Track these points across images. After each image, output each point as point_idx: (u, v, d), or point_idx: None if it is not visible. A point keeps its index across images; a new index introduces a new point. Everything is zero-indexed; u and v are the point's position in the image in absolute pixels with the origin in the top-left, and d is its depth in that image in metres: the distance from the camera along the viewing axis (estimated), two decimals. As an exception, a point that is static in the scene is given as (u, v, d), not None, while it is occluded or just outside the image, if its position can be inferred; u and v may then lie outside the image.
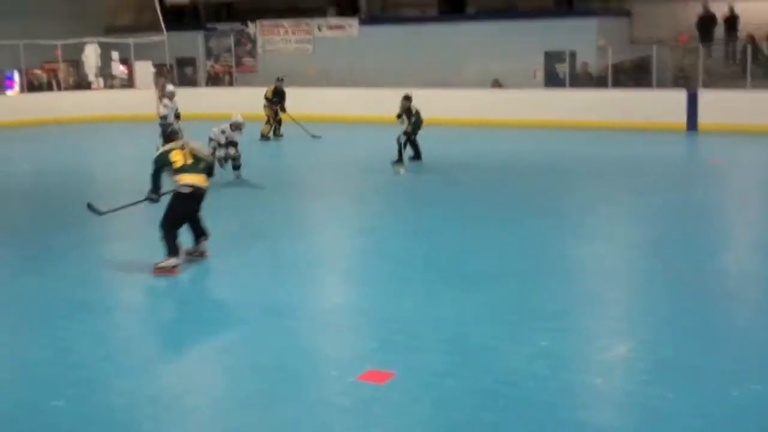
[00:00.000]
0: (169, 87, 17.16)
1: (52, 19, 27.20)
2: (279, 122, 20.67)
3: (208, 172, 8.74)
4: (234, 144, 13.88)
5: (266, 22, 28.91)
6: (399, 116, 15.77)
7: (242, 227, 10.72)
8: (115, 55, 28.11)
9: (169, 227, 8.43)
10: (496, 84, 23.96)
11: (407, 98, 15.86)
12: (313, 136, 19.74)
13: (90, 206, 9.35)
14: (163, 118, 16.38)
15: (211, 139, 13.79)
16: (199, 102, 23.95)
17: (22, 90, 27.59)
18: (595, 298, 7.66)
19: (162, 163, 8.61)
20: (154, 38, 27.38)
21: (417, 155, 15.83)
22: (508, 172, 15.14)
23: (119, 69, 28.11)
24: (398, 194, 13.29)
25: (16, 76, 27.68)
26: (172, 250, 8.38)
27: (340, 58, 25.92)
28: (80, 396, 5.59)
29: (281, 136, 20.57)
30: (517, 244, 9.56)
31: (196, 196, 8.56)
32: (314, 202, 12.91)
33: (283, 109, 20.63)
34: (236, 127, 13.83)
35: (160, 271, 8.33)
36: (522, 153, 17.67)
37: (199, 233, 8.81)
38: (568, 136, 19.88)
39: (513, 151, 17.85)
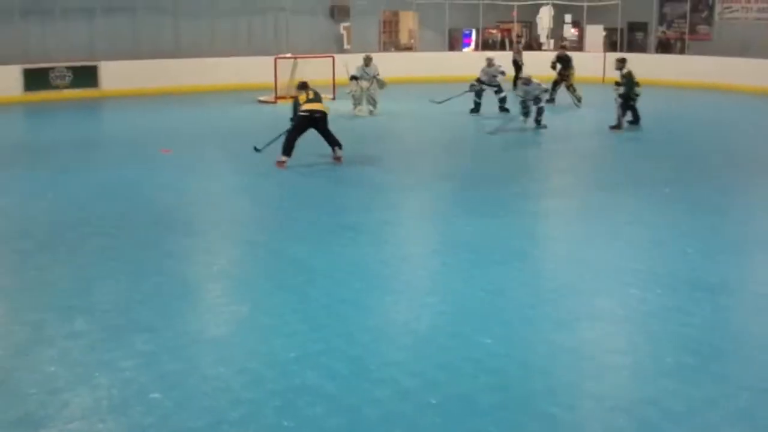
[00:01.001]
0: (488, 53, 18.83)
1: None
2: (570, 88, 20.46)
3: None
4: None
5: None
6: (617, 83, 16.06)
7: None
8: (567, 17, 28.55)
9: (290, 136, 12.40)
10: None
11: (621, 60, 16.27)
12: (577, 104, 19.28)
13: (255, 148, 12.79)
14: (476, 81, 18.67)
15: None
16: (647, 69, 23.49)
17: (476, 48, 29.17)
18: None
19: (295, 104, 12.69)
20: (608, 2, 27.30)
21: (635, 119, 16.23)
22: None
23: (570, 31, 28.52)
24: None
25: (473, 35, 29.34)
26: (286, 150, 12.30)
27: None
28: (505, 336, 5.91)
29: (579, 99, 20.25)
30: None
31: (312, 117, 12.42)
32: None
33: (566, 77, 20.60)
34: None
35: (278, 164, 12.22)
36: None
37: (332, 144, 12.68)
38: None
39: None
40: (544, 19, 28.55)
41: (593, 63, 25.32)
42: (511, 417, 4.77)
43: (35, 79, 21.49)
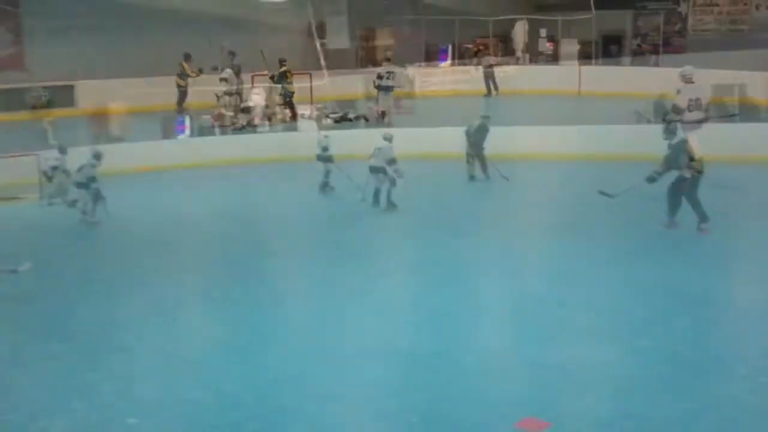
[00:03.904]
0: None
1: (488, -4, 28.50)
2: None
3: None
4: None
5: (700, 1, 27.58)
6: None
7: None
8: (542, 32, 28.71)
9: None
10: None
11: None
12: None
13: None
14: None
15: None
16: (622, 82, 23.65)
17: (452, 63, 29.31)
18: None
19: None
20: (582, 16, 27.47)
21: None
22: None
23: (545, 45, 28.70)
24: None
25: (450, 50, 29.52)
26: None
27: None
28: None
29: None
30: None
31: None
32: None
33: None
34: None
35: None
36: None
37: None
38: None
39: None
40: (520, 33, 28.68)
41: (568, 75, 25.47)
42: None
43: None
